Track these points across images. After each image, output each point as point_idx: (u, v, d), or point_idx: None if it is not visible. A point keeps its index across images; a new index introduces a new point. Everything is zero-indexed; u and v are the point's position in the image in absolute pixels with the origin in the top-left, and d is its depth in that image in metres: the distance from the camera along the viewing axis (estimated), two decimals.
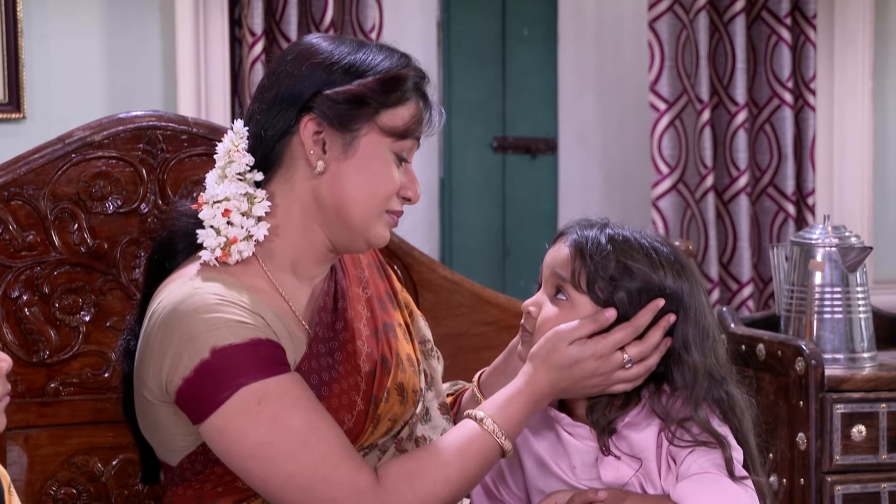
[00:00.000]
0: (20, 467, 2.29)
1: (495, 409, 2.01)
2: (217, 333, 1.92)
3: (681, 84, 4.08)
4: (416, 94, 2.04)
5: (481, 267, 4.97)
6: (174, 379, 1.94)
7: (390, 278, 2.26)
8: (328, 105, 2.00)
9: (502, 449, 2.00)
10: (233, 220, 2.02)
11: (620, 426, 1.99)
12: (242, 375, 1.92)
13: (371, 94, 2.00)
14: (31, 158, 2.30)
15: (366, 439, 2.06)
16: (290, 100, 2.01)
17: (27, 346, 2.30)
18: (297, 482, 1.93)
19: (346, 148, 2.01)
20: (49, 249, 2.30)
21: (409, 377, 2.13)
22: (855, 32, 4.19)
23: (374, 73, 2.01)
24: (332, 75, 2.01)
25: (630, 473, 1.97)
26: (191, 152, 2.37)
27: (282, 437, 1.92)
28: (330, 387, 2.02)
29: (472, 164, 5.02)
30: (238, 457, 1.94)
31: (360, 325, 2.10)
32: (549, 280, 2.04)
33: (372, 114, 2.00)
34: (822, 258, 3.07)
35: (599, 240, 2.01)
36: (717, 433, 1.94)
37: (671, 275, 2.00)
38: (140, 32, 3.72)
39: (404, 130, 2.02)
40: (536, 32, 5.01)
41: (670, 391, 1.99)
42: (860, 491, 2.95)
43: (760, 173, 4.14)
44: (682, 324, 2.00)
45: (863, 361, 3.06)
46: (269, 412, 1.92)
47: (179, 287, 1.99)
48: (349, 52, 2.03)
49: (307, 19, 3.76)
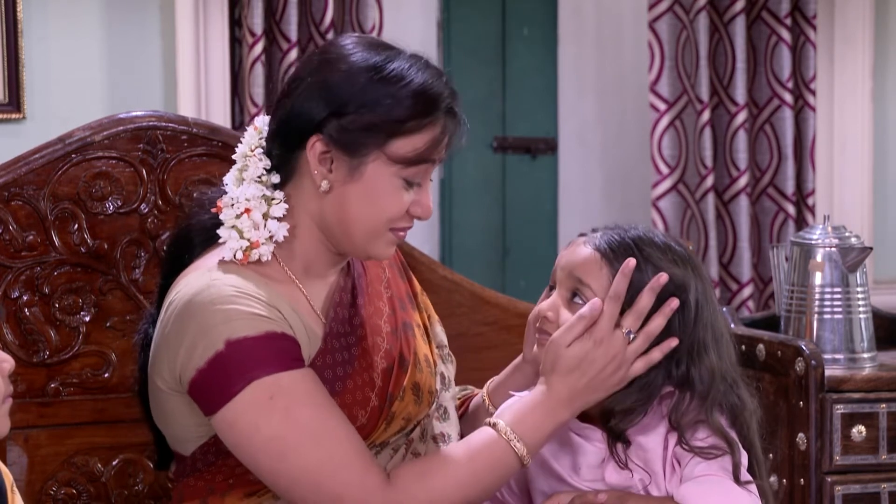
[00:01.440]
0: (20, 467, 2.29)
1: (513, 416, 1.99)
2: (232, 325, 1.93)
3: (681, 84, 4.08)
4: (441, 117, 2.00)
5: (481, 267, 4.97)
6: (188, 370, 1.95)
7: (411, 280, 2.25)
8: (337, 129, 1.98)
9: (519, 457, 1.97)
10: (254, 220, 2.02)
11: (632, 433, 1.98)
12: (255, 369, 1.92)
13: (383, 124, 1.96)
14: (32, 158, 2.30)
15: (378, 436, 2.05)
16: (303, 116, 2.00)
17: (27, 346, 2.30)
18: (306, 478, 1.93)
19: (353, 171, 1.99)
20: (49, 249, 2.30)
21: (426, 377, 2.13)
22: (855, 33, 4.19)
23: (395, 100, 1.96)
24: (350, 99, 1.97)
25: (635, 477, 1.97)
26: (191, 152, 2.37)
27: (292, 432, 1.92)
28: (344, 382, 2.02)
29: (472, 164, 5.02)
30: (248, 450, 1.94)
31: (380, 321, 2.11)
32: (565, 283, 2.01)
33: (382, 142, 1.97)
34: (822, 258, 3.06)
35: (624, 242, 1.99)
36: (731, 437, 1.94)
37: (689, 275, 1.99)
38: (140, 33, 3.72)
39: (415, 158, 1.98)
40: (536, 32, 5.01)
41: (686, 395, 1.97)
42: (860, 491, 2.95)
43: (760, 173, 4.14)
44: (699, 325, 1.97)
45: (863, 362, 3.06)
46: (281, 407, 1.92)
47: (197, 278, 2.00)
48: (378, 75, 1.97)
49: (307, 19, 3.76)
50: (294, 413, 1.92)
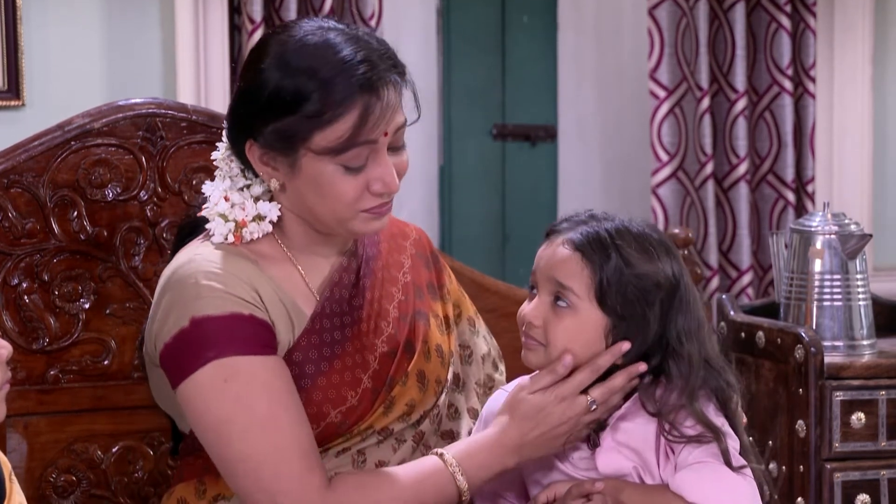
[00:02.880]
0: (20, 454, 2.29)
1: (462, 451, 2.00)
2: (200, 303, 1.94)
3: (680, 71, 4.07)
4: (357, 98, 1.93)
5: (481, 254, 4.97)
6: (159, 342, 1.98)
7: (439, 272, 2.23)
8: (262, 133, 1.96)
9: (459, 490, 1.97)
10: (234, 201, 2.02)
11: (613, 419, 1.98)
12: (214, 349, 1.93)
13: (298, 123, 1.94)
14: (31, 146, 2.30)
15: (376, 420, 2.05)
16: (235, 122, 2.01)
17: (27, 333, 2.30)
18: (247, 465, 1.92)
19: (292, 168, 1.98)
20: (48, 237, 2.30)
21: (434, 367, 2.12)
22: (855, 20, 4.18)
23: (303, 98, 1.92)
24: (264, 104, 1.95)
25: (629, 465, 1.96)
26: (190, 139, 2.37)
27: (242, 417, 1.92)
28: (331, 362, 2.02)
29: (472, 152, 5.02)
30: (199, 429, 1.96)
31: (389, 306, 2.10)
32: (547, 286, 1.99)
33: (305, 138, 1.94)
34: (821, 245, 3.06)
35: (600, 239, 1.96)
36: (713, 424, 1.92)
37: (666, 263, 1.98)
38: (139, 19, 3.71)
39: (342, 146, 1.94)
40: (536, 20, 5.00)
41: (666, 383, 1.97)
42: (859, 478, 2.95)
43: (760, 161, 4.14)
44: (678, 313, 1.97)
45: (862, 349, 3.06)
46: (234, 391, 1.92)
47: (185, 252, 2.03)
48: (288, 74, 1.94)
49: (306, 6, 3.76)
50: (246, 399, 1.92)
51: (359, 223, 2.00)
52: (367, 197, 1.98)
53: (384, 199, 1.99)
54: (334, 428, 2.01)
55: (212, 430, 1.94)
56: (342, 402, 2.01)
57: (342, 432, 2.02)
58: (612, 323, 1.96)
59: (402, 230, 2.23)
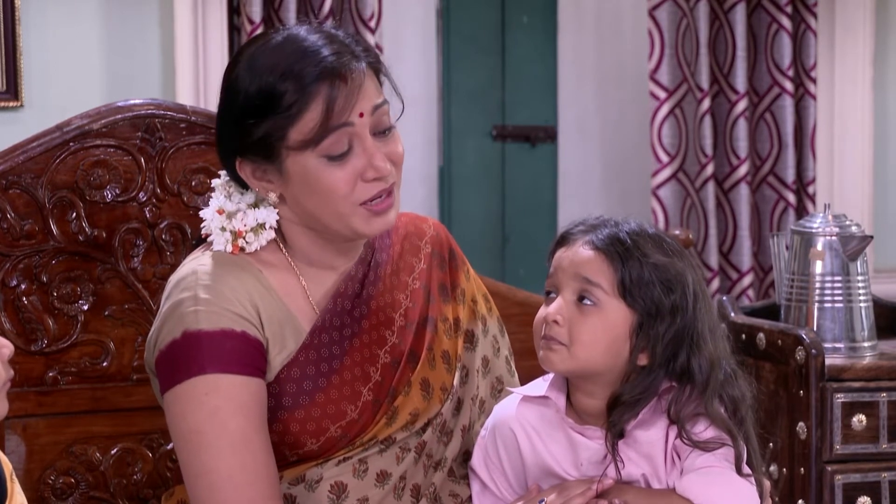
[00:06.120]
0: (18, 456, 2.29)
1: None
2: (194, 317, 1.95)
3: (681, 72, 4.07)
4: (317, 86, 1.92)
5: (481, 255, 4.96)
6: (155, 349, 1.99)
7: (454, 271, 2.20)
8: (247, 147, 1.98)
9: None
10: (228, 211, 2.02)
11: (630, 427, 1.97)
12: (200, 363, 1.94)
13: (271, 124, 1.94)
14: (29, 147, 2.30)
15: (379, 431, 2.03)
16: (221, 143, 2.03)
17: (25, 334, 2.29)
18: (207, 479, 1.93)
19: (282, 175, 1.98)
20: (47, 238, 2.30)
21: (439, 374, 2.10)
22: (855, 20, 4.18)
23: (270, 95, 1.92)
24: (239, 115, 1.96)
25: (638, 472, 1.96)
26: (189, 141, 2.36)
27: (213, 431, 1.93)
28: (329, 378, 2.01)
29: (472, 153, 5.01)
30: (174, 436, 1.98)
31: (394, 314, 2.09)
32: (571, 285, 1.96)
33: (281, 138, 1.95)
34: (822, 247, 3.06)
35: (620, 238, 1.96)
36: (732, 428, 1.93)
37: (686, 265, 1.98)
38: (138, 20, 3.71)
39: (316, 136, 1.93)
40: (536, 21, 5.00)
41: (686, 388, 1.96)
42: (860, 480, 2.95)
43: (761, 162, 4.13)
44: (697, 313, 1.96)
45: (863, 350, 3.06)
46: (211, 405, 1.93)
47: (189, 262, 2.03)
48: (255, 75, 1.94)
49: (305, 7, 3.76)
50: (221, 416, 1.93)
51: (360, 221, 1.98)
52: (361, 187, 1.96)
53: (380, 185, 1.97)
54: (334, 441, 2.00)
55: (182, 439, 1.96)
56: (342, 417, 2.00)
57: (343, 445, 2.01)
58: (639, 320, 1.94)
59: (419, 228, 2.20)
